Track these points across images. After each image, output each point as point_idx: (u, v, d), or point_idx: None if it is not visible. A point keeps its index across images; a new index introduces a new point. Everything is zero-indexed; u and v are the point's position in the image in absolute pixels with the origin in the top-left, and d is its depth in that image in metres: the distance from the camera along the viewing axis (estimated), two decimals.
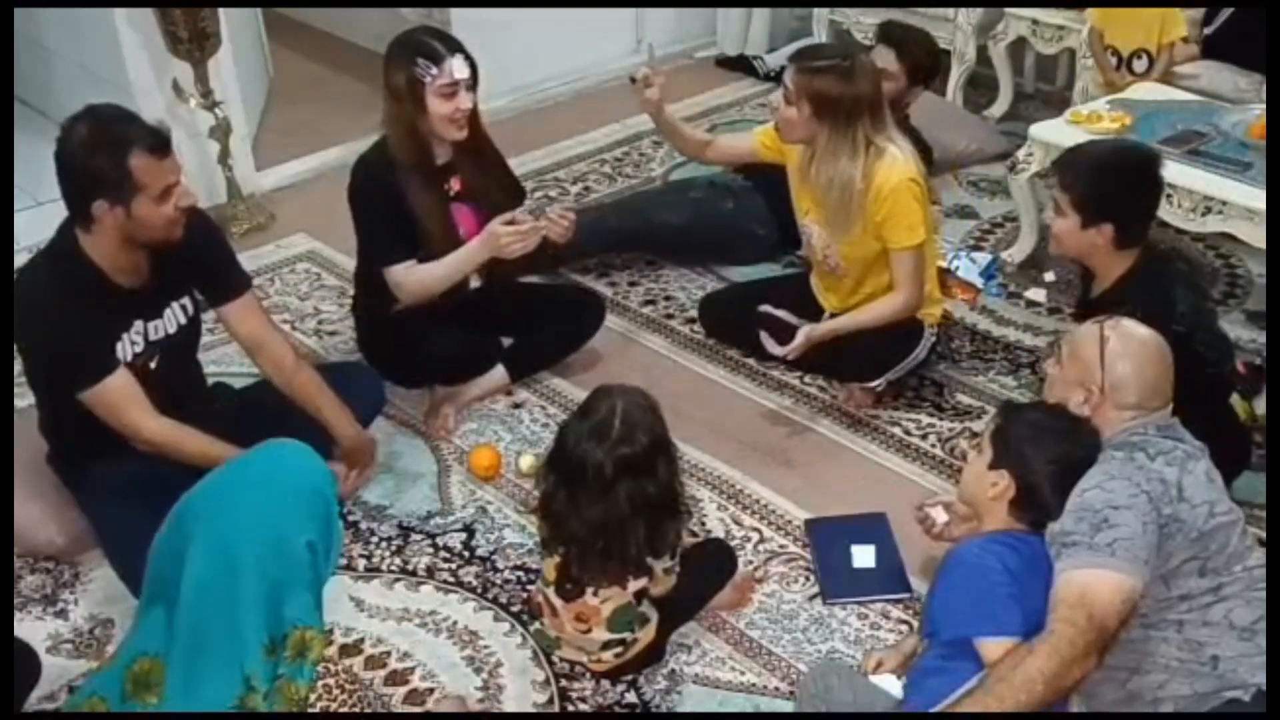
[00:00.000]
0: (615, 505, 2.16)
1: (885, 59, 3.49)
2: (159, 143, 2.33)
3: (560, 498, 2.20)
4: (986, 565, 1.98)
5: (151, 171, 2.32)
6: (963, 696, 1.87)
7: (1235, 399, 2.65)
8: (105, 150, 2.28)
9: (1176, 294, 2.52)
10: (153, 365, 2.52)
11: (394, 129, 2.88)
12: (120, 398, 2.42)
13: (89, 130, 2.29)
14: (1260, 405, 2.84)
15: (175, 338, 2.57)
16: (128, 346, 2.46)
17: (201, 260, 2.58)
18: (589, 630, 2.30)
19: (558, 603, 2.31)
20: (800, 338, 2.99)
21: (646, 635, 2.36)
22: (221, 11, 3.80)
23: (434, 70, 2.79)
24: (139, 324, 2.48)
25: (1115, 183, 2.56)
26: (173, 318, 2.56)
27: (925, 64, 3.64)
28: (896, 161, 2.88)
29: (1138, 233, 2.58)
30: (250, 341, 2.70)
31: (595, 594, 2.26)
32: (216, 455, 2.33)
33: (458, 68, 2.81)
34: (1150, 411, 2.09)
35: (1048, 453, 2.07)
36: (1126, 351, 2.11)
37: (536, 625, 2.43)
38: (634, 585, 2.27)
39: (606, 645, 2.32)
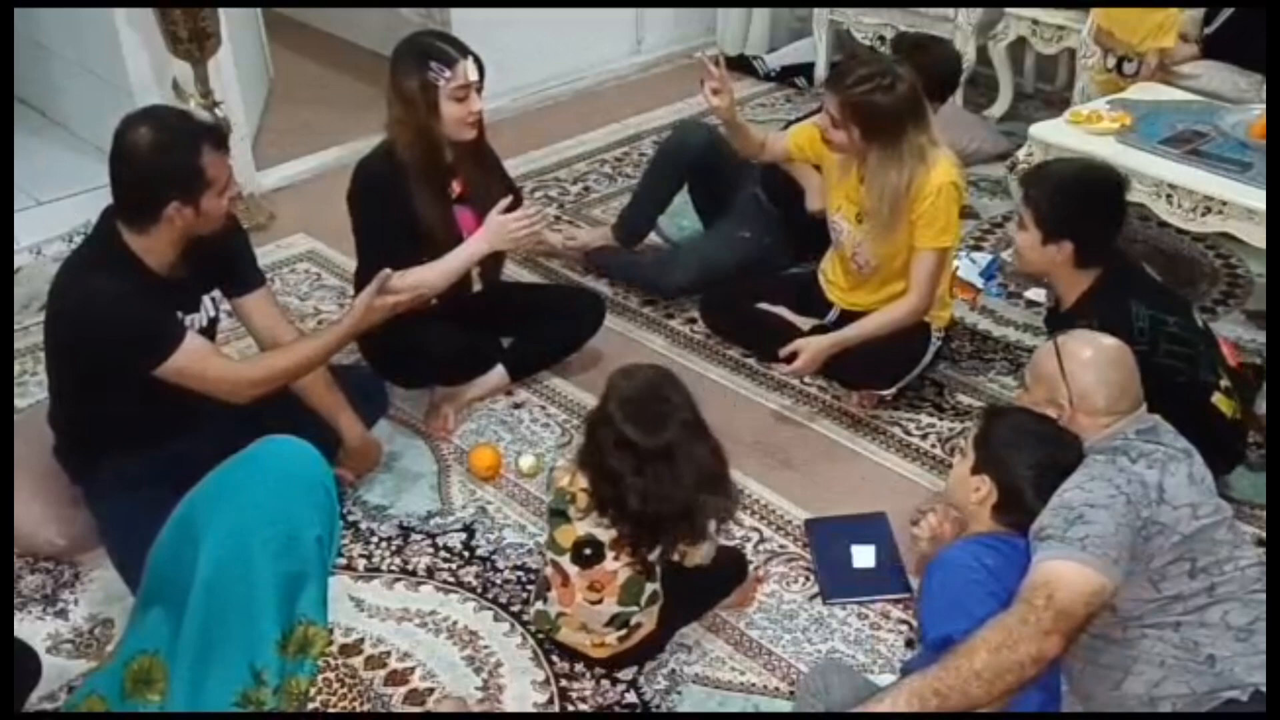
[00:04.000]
0: (699, 468, 2.20)
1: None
2: (221, 137, 2.39)
3: (649, 474, 2.18)
4: (964, 564, 2.01)
5: (218, 166, 2.36)
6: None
7: (1218, 397, 2.63)
8: (178, 149, 2.30)
9: (1135, 310, 2.52)
10: None
11: (403, 133, 2.86)
12: (201, 357, 2.43)
13: (155, 132, 2.30)
14: (1261, 405, 2.83)
15: (209, 330, 2.59)
16: None
17: (226, 252, 2.60)
18: (599, 601, 2.29)
19: (572, 570, 2.29)
20: (805, 360, 3.00)
21: (650, 621, 2.35)
22: (221, 11, 3.80)
23: (447, 73, 2.79)
24: (180, 315, 2.49)
25: (1077, 202, 2.60)
26: (206, 310, 2.58)
27: (943, 79, 3.56)
28: (940, 163, 2.90)
29: (1097, 253, 2.62)
30: (266, 334, 2.70)
31: (616, 558, 2.26)
32: (325, 349, 2.53)
33: (470, 70, 2.82)
34: (1123, 415, 2.11)
35: (1029, 458, 2.09)
36: (1085, 361, 2.15)
37: (537, 607, 2.41)
38: (652, 556, 2.28)
39: (612, 621, 2.31)
